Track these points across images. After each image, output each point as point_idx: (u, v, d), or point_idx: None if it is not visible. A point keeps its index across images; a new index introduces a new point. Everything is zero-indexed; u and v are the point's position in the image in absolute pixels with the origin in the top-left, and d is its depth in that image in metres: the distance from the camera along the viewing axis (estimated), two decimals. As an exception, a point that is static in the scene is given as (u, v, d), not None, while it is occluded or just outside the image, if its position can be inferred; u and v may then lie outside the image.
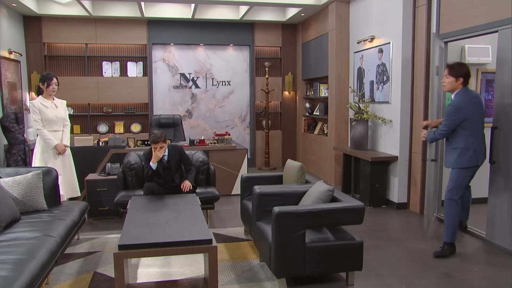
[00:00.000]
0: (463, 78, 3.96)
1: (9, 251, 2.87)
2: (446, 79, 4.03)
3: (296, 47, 9.15)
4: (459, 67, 3.99)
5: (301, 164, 4.38)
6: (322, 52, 7.67)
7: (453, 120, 3.93)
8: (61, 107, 5.10)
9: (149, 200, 4.14)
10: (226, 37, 8.82)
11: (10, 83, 7.04)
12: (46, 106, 4.93)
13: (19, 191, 3.82)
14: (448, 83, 4.03)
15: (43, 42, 8.07)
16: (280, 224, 3.14)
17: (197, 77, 8.86)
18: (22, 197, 3.82)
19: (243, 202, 4.51)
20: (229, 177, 6.53)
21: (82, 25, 8.17)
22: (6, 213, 3.47)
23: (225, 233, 4.73)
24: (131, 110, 8.54)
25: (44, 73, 5.03)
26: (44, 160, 4.89)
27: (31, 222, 3.57)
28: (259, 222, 3.73)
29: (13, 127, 6.50)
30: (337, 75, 7.04)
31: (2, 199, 3.51)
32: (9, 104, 6.93)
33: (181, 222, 3.40)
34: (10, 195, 3.75)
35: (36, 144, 4.99)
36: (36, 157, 4.91)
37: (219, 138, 6.66)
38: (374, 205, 5.82)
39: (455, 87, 4.00)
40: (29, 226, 3.44)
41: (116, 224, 5.13)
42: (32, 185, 3.90)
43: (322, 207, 3.27)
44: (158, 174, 4.58)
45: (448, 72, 4.01)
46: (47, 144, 4.88)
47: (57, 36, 8.13)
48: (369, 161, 5.72)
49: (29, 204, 3.86)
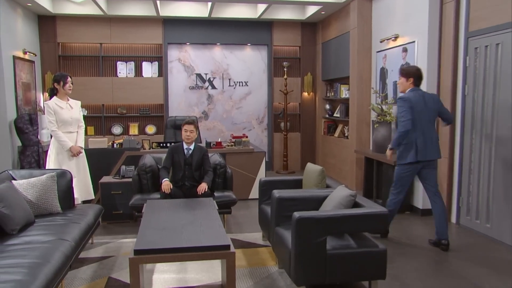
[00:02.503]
0: (413, 78, 4.44)
1: (24, 255, 2.92)
2: (399, 80, 4.55)
3: (315, 46, 9.12)
4: (409, 69, 4.50)
5: (321, 168, 4.35)
6: (343, 52, 7.63)
7: (405, 110, 4.29)
8: (76, 108, 5.17)
9: (164, 204, 4.17)
10: (244, 36, 8.85)
11: (25, 83, 7.17)
12: (61, 107, 5.00)
13: (33, 194, 3.89)
14: (400, 84, 4.55)
15: (57, 42, 8.20)
16: (300, 230, 3.12)
17: (213, 78, 8.91)
18: (36, 200, 3.89)
19: (261, 207, 4.51)
20: (246, 181, 6.53)
21: (97, 24, 8.29)
22: (21, 216, 3.53)
23: (243, 238, 4.74)
24: (146, 111, 8.62)
25: (58, 73, 5.12)
26: (59, 162, 4.96)
27: (46, 225, 3.63)
28: (278, 228, 3.72)
29: (27, 129, 6.62)
30: (358, 76, 7.00)
31: (16, 201, 3.58)
32: (23, 105, 7.06)
33: (198, 226, 3.41)
34: (25, 197, 3.82)
35: (50, 146, 5.07)
36: (50, 159, 4.99)
37: (236, 140, 6.68)
38: (398, 211, 5.72)
39: (406, 87, 4.48)
40: (44, 230, 3.49)
41: (130, 228, 5.17)
42: (47, 188, 3.96)
43: (344, 213, 3.24)
44: (178, 166, 4.70)
45: (400, 74, 4.52)
46: (61, 146, 4.95)
47: (71, 36, 8.26)
48: (392, 165, 5.65)
49: (43, 207, 3.93)
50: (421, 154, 4.36)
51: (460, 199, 5.19)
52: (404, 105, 4.31)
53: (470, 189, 5.03)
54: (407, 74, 4.47)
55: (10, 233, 3.39)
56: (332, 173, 8.14)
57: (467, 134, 5.05)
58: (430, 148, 4.39)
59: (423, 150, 4.36)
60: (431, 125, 4.43)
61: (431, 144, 4.39)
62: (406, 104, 4.30)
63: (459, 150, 5.18)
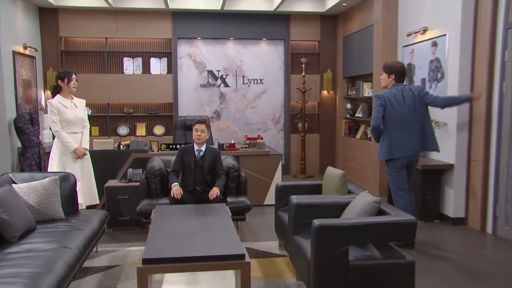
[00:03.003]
0: (394, 75, 4.73)
1: (24, 264, 2.94)
2: (382, 75, 4.86)
3: (336, 41, 9.08)
4: (392, 64, 4.76)
5: (343, 172, 4.33)
6: (366, 47, 7.59)
7: (375, 108, 4.65)
8: (81, 107, 5.22)
9: (174, 210, 4.18)
10: (259, 30, 8.85)
11: (25, 80, 7.26)
12: (65, 105, 5.05)
13: (34, 198, 3.93)
14: (383, 80, 4.86)
15: (60, 36, 8.29)
16: (321, 239, 3.10)
17: (226, 75, 8.92)
18: (37, 205, 3.92)
19: (278, 214, 4.50)
20: (261, 186, 6.52)
21: (102, 17, 8.36)
22: (21, 222, 3.56)
23: (258, 247, 4.72)
24: (154, 110, 8.67)
25: (62, 70, 5.16)
26: (62, 164, 5.01)
27: (48, 232, 3.65)
28: (296, 236, 3.71)
29: (27, 129, 6.69)
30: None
31: (17, 206, 3.61)
32: (23, 104, 7.14)
33: (210, 234, 3.41)
34: (25, 202, 3.86)
35: (53, 147, 5.12)
36: (53, 161, 5.03)
37: (250, 142, 6.67)
38: (426, 220, 5.69)
39: (388, 83, 4.80)
40: (45, 237, 3.52)
41: (137, 235, 5.19)
42: (49, 192, 4.00)
43: (368, 221, 3.21)
44: (189, 169, 4.71)
45: (383, 69, 4.82)
46: (66, 147, 5.00)
47: (74, 30, 8.34)
48: (419, 169, 5.60)
49: (45, 213, 3.96)
50: (397, 150, 4.66)
51: (497, 207, 5.10)
52: (376, 102, 4.70)
53: (508, 196, 4.95)
54: (389, 70, 4.77)
55: (10, 240, 3.42)
56: (353, 178, 8.09)
57: (505, 136, 4.97)
58: (410, 143, 4.66)
59: (400, 146, 4.65)
60: (413, 119, 4.67)
61: (413, 139, 4.67)
62: (377, 102, 4.68)
63: (495, 153, 5.10)
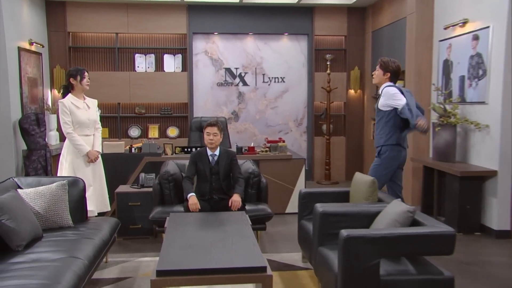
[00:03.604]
0: (390, 73, 4.90)
1: (31, 275, 2.97)
2: (376, 71, 5.00)
3: (364, 35, 9.04)
4: (390, 63, 4.91)
5: (373, 178, 4.30)
6: (398, 42, 7.53)
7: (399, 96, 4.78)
8: (93, 108, 5.31)
9: (190, 218, 4.20)
10: (280, 24, 8.85)
11: (31, 79, 7.35)
12: (78, 106, 5.13)
13: (41, 205, 3.97)
14: (376, 76, 5.00)
15: (68, 32, 8.39)
16: (349, 251, 3.09)
17: (245, 73, 8.95)
18: (44, 212, 3.97)
19: (302, 223, 4.49)
20: (283, 192, 6.52)
21: (112, 11, 8.45)
22: (27, 230, 3.60)
23: (279, 259, 4.71)
24: (167, 111, 8.72)
25: (73, 68, 5.25)
26: (73, 169, 5.07)
27: (55, 240, 3.69)
28: (321, 248, 3.70)
29: (33, 130, 6.76)
30: (416, 70, 6.89)
31: (23, 213, 3.66)
32: (29, 103, 7.23)
33: (229, 245, 3.41)
34: (32, 208, 3.91)
35: (63, 151, 5.19)
36: (64, 166, 5.10)
37: (271, 145, 6.67)
38: (465, 232, 5.61)
39: (381, 80, 4.95)
40: (53, 246, 3.56)
41: (150, 245, 5.22)
42: (57, 198, 4.04)
43: (401, 232, 3.18)
44: (204, 177, 4.70)
45: (379, 66, 4.96)
46: (78, 150, 5.07)
47: (83, 25, 8.44)
48: (458, 176, 5.54)
49: (52, 220, 4.01)
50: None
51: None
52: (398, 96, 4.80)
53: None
54: (385, 67, 4.93)
55: (15, 249, 3.46)
56: (383, 185, 8.02)
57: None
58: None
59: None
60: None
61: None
62: (399, 95, 4.80)
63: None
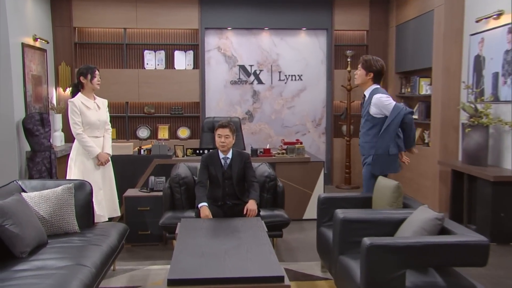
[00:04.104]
0: (373, 73, 4.86)
1: (35, 283, 3.00)
2: (358, 71, 4.97)
3: (387, 30, 9.00)
4: (373, 61, 4.87)
5: (397, 183, 4.30)
6: (425, 36, 7.49)
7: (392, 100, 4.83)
8: (103, 108, 5.36)
9: (202, 224, 4.20)
10: (298, 19, 8.84)
11: (35, 76, 7.40)
12: (88, 106, 5.18)
13: (46, 209, 4.00)
14: (359, 76, 4.96)
15: (73, 27, 8.45)
16: (372, 261, 3.07)
17: (260, 70, 8.95)
18: (50, 217, 3.99)
19: (321, 230, 4.49)
20: (300, 197, 6.51)
21: (120, 5, 8.49)
22: (32, 235, 3.63)
23: (296, 268, 4.71)
24: (178, 110, 8.75)
25: (83, 66, 5.30)
26: (82, 172, 5.11)
27: (61, 247, 3.72)
28: (342, 257, 3.69)
29: (37, 130, 6.80)
30: (444, 66, 6.84)
31: (27, 218, 3.69)
32: (33, 103, 7.28)
33: (244, 252, 3.41)
34: (36, 213, 3.93)
35: (71, 153, 5.24)
36: (72, 170, 5.15)
37: (288, 147, 6.66)
38: (499, 242, 5.53)
39: (364, 81, 4.92)
40: (58, 253, 3.58)
41: (160, 252, 5.24)
42: (62, 202, 4.07)
43: (429, 241, 3.16)
44: (216, 182, 4.71)
45: (361, 65, 4.92)
46: (87, 152, 5.11)
47: (89, 19, 8.49)
48: (490, 181, 5.48)
49: (57, 225, 4.03)
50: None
51: None
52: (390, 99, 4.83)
53: None
54: (368, 67, 4.88)
55: (19, 256, 3.48)
56: (408, 190, 7.96)
57: None
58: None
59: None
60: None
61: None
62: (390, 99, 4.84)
63: None
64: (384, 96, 4.79)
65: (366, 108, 4.88)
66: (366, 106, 4.87)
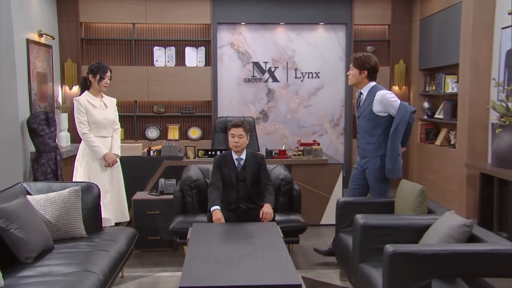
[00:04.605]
0: (367, 71, 4.86)
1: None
2: (351, 70, 4.96)
3: (411, 24, 8.95)
4: (364, 58, 4.87)
5: (421, 187, 4.31)
6: (451, 31, 7.44)
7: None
8: (111, 107, 5.39)
9: (215, 229, 4.21)
10: (315, 13, 8.82)
11: (40, 74, 7.45)
12: (94, 105, 5.22)
13: (52, 213, 4.03)
14: (352, 76, 4.94)
15: (80, 22, 8.49)
16: (396, 269, 3.07)
17: (275, 68, 8.95)
18: (56, 221, 4.02)
19: (340, 236, 4.49)
20: (318, 201, 6.49)
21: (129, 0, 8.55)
22: (38, 240, 3.66)
23: (314, 276, 4.71)
24: (189, 110, 8.78)
25: (96, 63, 5.34)
26: (88, 173, 5.14)
27: (67, 252, 3.75)
28: (363, 265, 3.69)
29: (42, 130, 6.84)
30: (473, 62, 6.76)
31: (33, 222, 3.72)
32: (38, 101, 7.33)
33: (259, 259, 3.42)
34: (42, 217, 3.97)
35: (78, 154, 5.28)
36: (78, 171, 5.19)
37: (305, 148, 6.65)
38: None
39: (359, 80, 4.92)
40: (65, 258, 3.61)
41: (170, 258, 5.26)
42: (69, 205, 4.10)
43: (457, 249, 3.15)
44: (230, 184, 4.72)
45: (352, 63, 4.93)
46: (93, 152, 5.14)
47: (97, 14, 8.54)
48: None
49: (64, 230, 4.06)
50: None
51: None
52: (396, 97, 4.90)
53: None
54: (360, 65, 4.87)
55: (24, 261, 3.51)
56: (432, 194, 7.91)
57: None
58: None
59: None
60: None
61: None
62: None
63: None
64: (389, 93, 4.82)
65: (367, 106, 4.85)
66: (368, 105, 4.84)
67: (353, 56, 4.97)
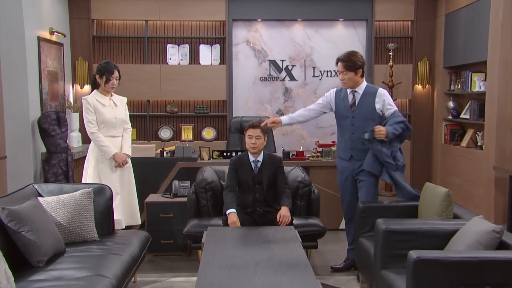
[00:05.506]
0: (361, 69, 4.90)
1: (53, 295, 3.06)
2: (344, 75, 4.88)
3: (435, 20, 8.90)
4: (353, 57, 4.88)
5: (447, 190, 4.29)
6: (479, 26, 7.38)
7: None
8: (121, 106, 5.41)
9: (231, 233, 4.21)
10: (334, 9, 8.79)
11: (51, 72, 7.50)
12: (103, 104, 5.24)
13: (64, 215, 4.07)
14: (348, 79, 4.89)
15: (92, 19, 8.54)
16: (420, 277, 3.06)
17: (292, 66, 8.93)
18: (67, 223, 4.07)
19: (360, 241, 4.49)
20: (337, 205, 6.39)
21: (142, -5, 8.60)
22: (49, 243, 3.69)
23: (333, 283, 4.72)
24: (203, 109, 8.79)
25: (103, 63, 5.36)
26: (98, 174, 5.17)
27: (79, 256, 3.78)
28: (385, 271, 3.68)
29: (53, 130, 6.88)
30: (502, 59, 6.68)
31: (44, 225, 3.75)
32: (49, 101, 7.37)
33: (276, 265, 3.42)
34: (54, 219, 4.01)
35: (87, 155, 5.31)
36: (88, 172, 5.21)
37: (323, 150, 6.65)
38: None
39: (356, 81, 4.91)
40: (77, 262, 3.64)
41: (184, 263, 5.29)
42: (81, 208, 4.13)
43: (486, 256, 3.14)
44: (246, 187, 4.72)
45: (344, 67, 4.85)
46: (103, 152, 5.16)
47: (109, 11, 8.58)
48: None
49: (76, 233, 4.10)
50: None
51: None
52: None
53: None
54: (352, 66, 4.85)
55: (36, 265, 3.55)
56: (457, 198, 7.84)
57: None
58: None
59: None
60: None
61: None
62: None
63: None
64: (387, 92, 4.93)
65: (367, 105, 4.87)
66: (368, 103, 4.87)
67: (340, 60, 4.93)
